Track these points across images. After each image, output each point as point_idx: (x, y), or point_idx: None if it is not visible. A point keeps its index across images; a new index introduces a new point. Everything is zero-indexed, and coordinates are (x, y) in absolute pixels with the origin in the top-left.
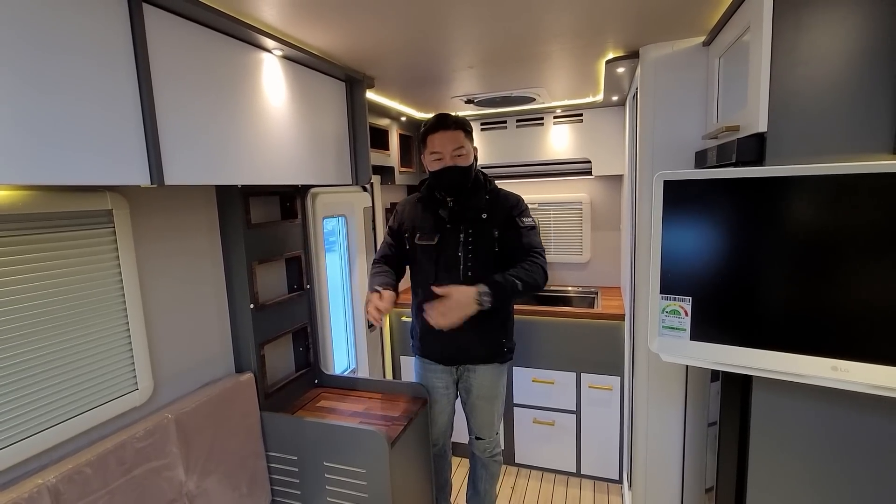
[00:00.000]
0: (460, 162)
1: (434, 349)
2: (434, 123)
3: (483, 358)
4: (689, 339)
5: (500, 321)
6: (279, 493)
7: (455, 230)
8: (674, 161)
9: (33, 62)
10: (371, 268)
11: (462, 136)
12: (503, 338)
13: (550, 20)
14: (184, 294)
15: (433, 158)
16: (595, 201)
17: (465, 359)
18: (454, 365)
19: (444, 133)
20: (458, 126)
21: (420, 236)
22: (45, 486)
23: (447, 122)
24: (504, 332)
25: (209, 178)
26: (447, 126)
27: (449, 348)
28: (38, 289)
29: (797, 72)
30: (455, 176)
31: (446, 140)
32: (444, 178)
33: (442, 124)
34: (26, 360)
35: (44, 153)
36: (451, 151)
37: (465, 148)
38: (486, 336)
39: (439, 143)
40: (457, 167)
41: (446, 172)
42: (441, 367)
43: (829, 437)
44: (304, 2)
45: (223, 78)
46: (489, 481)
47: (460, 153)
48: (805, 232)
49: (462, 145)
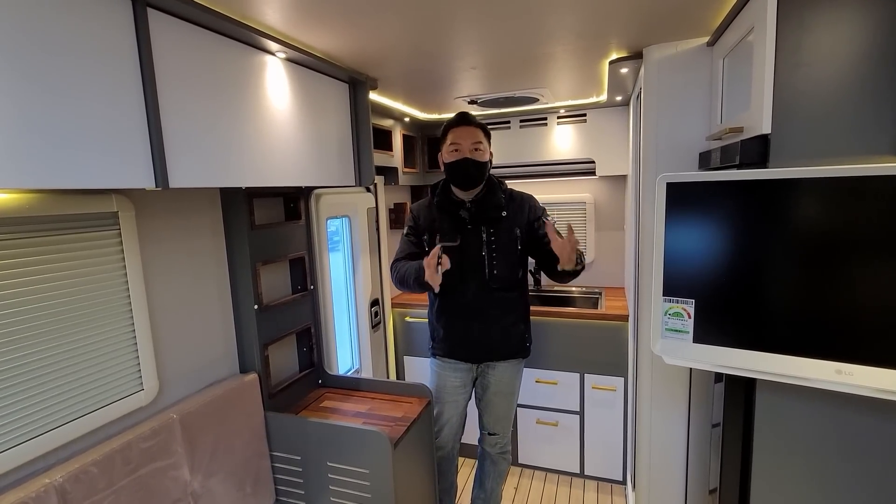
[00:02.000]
0: (477, 156)
1: (460, 348)
2: (456, 120)
3: (509, 353)
4: (691, 342)
5: (523, 316)
6: (283, 493)
7: (476, 230)
8: (677, 162)
9: (40, 68)
10: (392, 268)
11: (482, 135)
12: (526, 332)
13: (553, 21)
14: (188, 295)
15: (451, 149)
16: (599, 202)
17: (492, 356)
18: (479, 363)
19: (466, 128)
20: (479, 126)
21: (441, 239)
22: (52, 485)
23: (469, 119)
24: (527, 327)
25: (213, 181)
26: (469, 122)
27: (475, 346)
28: (45, 290)
29: (801, 73)
30: (470, 168)
31: (466, 134)
32: (459, 169)
33: (464, 120)
34: (33, 361)
35: (50, 157)
36: (469, 145)
37: (483, 145)
38: (511, 331)
39: (459, 135)
40: (473, 160)
41: (462, 164)
42: (463, 365)
43: (833, 440)
44: (307, 5)
45: (227, 81)
46: (497, 479)
47: (478, 148)
48: (809, 234)
49: (481, 141)
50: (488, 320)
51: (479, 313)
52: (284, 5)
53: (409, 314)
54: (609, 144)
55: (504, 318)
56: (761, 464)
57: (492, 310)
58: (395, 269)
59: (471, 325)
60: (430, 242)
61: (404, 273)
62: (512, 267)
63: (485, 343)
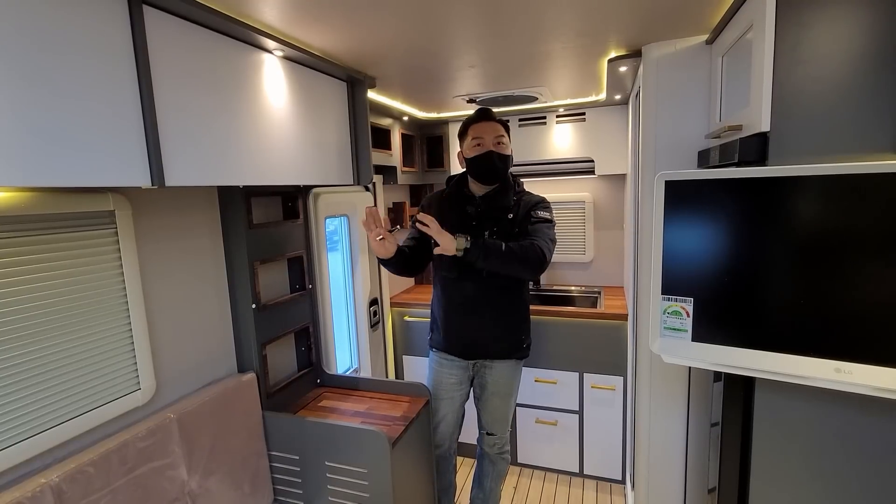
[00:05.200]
0: (501, 150)
1: (454, 342)
2: (477, 116)
3: (502, 353)
4: (690, 341)
5: (521, 317)
6: (281, 493)
7: (480, 229)
8: (676, 160)
9: (34, 65)
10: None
11: (503, 129)
12: (523, 334)
13: (552, 19)
14: (186, 294)
15: (474, 144)
16: (598, 200)
17: (485, 353)
18: (473, 360)
19: (487, 123)
20: (499, 121)
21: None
22: (48, 485)
23: (490, 115)
24: (524, 329)
25: (210, 180)
26: (490, 118)
27: (469, 342)
28: (41, 289)
29: (800, 71)
30: (495, 160)
31: (488, 129)
32: (483, 162)
33: (485, 116)
34: (29, 361)
35: (44, 155)
36: (492, 139)
37: (505, 139)
38: (507, 331)
39: (482, 130)
40: (497, 153)
41: (486, 157)
42: (458, 361)
43: (832, 438)
44: (304, 3)
45: (224, 79)
46: (496, 479)
47: (501, 141)
48: (808, 232)
49: (503, 135)
50: (484, 317)
51: (475, 310)
52: (282, 2)
53: (408, 313)
54: (608, 143)
55: (501, 317)
56: (760, 463)
57: (489, 308)
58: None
59: (467, 321)
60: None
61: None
62: None
63: (479, 340)
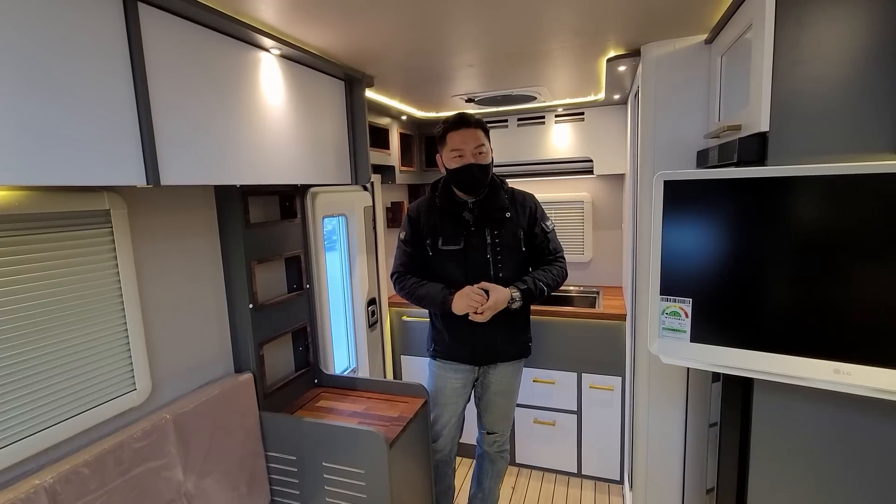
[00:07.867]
0: (481, 160)
1: (464, 351)
2: (455, 121)
3: (513, 355)
4: (689, 341)
5: (526, 318)
6: (278, 493)
7: (480, 232)
8: (675, 160)
9: (28, 63)
10: (397, 283)
11: (482, 135)
12: (528, 333)
13: (550, 18)
14: (182, 294)
15: (453, 156)
16: (597, 200)
17: (496, 358)
18: (483, 365)
19: (466, 131)
20: (478, 125)
21: (444, 241)
22: (42, 486)
23: (469, 121)
24: (528, 329)
25: (206, 179)
26: (469, 124)
27: (480, 348)
28: (36, 289)
29: (799, 70)
30: (476, 173)
31: (468, 137)
32: (464, 175)
33: (463, 122)
34: (23, 361)
35: (39, 154)
36: (472, 149)
37: (485, 146)
38: (515, 333)
39: (460, 140)
40: (477, 164)
41: (467, 170)
42: (466, 366)
43: (831, 439)
44: (302, 1)
45: (220, 77)
46: (495, 478)
47: (481, 151)
48: (807, 233)
49: (483, 143)
50: (494, 323)
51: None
52: (279, 1)
53: (406, 313)
54: (607, 143)
55: (510, 321)
56: (759, 463)
57: (498, 313)
58: (403, 286)
59: (476, 329)
60: (432, 245)
61: (422, 295)
62: (517, 268)
63: (491, 346)
